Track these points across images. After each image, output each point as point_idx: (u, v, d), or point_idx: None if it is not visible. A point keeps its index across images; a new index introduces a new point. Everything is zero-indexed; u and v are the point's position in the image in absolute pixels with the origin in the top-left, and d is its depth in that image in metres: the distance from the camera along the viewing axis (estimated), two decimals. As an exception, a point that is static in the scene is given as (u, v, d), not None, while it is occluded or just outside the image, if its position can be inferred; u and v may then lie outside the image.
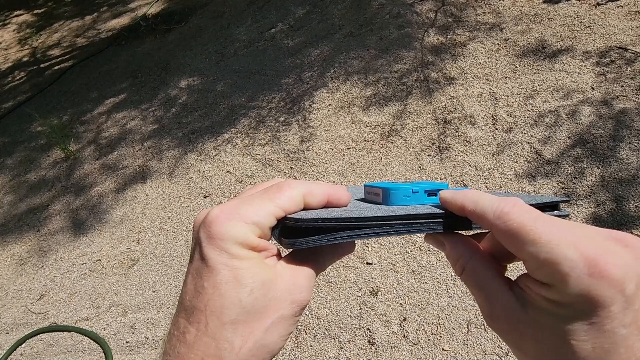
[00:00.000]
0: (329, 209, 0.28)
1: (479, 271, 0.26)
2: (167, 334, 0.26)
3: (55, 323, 2.09)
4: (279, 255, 0.28)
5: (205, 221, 0.25)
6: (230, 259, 0.24)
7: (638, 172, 1.88)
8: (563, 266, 0.21)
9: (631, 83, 2.19)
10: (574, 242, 0.21)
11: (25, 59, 5.03)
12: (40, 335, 2.05)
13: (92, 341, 1.95)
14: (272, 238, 0.27)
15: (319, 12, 3.55)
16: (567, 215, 0.30)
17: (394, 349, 1.62)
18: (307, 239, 0.25)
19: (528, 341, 0.24)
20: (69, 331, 2.02)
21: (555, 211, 0.30)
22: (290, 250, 0.27)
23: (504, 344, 1.53)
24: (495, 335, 1.56)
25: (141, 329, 1.95)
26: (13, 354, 2.00)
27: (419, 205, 0.30)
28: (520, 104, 2.31)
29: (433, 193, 0.31)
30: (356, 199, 0.34)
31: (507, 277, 0.27)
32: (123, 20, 4.99)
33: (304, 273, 0.27)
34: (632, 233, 1.59)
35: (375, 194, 0.31)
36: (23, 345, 2.02)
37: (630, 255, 0.21)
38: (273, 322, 0.25)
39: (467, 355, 1.54)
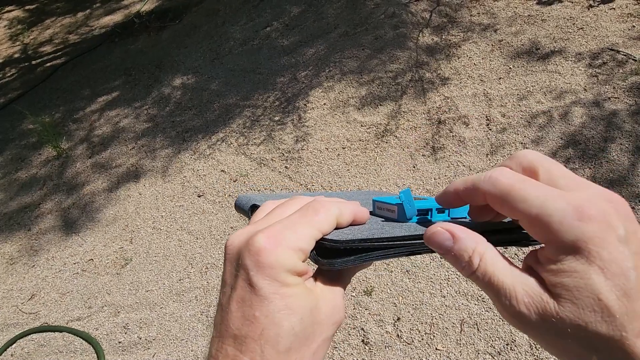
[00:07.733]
0: (357, 227, 0.29)
1: (496, 261, 0.24)
2: (208, 358, 0.26)
3: (46, 323, 2.07)
4: (313, 276, 0.28)
5: (251, 248, 0.25)
6: (282, 287, 0.25)
7: (628, 172, 1.90)
8: (554, 217, 0.22)
9: (622, 85, 2.22)
10: (560, 195, 0.22)
11: (16, 55, 4.97)
12: (31, 335, 2.03)
13: (84, 341, 1.94)
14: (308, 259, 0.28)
15: (314, 11, 3.54)
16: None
17: (387, 349, 1.62)
18: (344, 260, 0.26)
19: (561, 326, 0.21)
20: (61, 331, 2.00)
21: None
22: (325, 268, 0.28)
23: (497, 343, 1.54)
24: (488, 334, 1.58)
25: (134, 329, 1.94)
26: (3, 354, 1.97)
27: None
28: (514, 105, 2.33)
29: (442, 210, 0.31)
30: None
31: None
32: (116, 17, 4.95)
33: (339, 293, 0.28)
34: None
35: (388, 210, 0.32)
36: (14, 346, 2.00)
37: (611, 207, 0.22)
38: (319, 346, 0.26)
39: (460, 355, 1.55)
